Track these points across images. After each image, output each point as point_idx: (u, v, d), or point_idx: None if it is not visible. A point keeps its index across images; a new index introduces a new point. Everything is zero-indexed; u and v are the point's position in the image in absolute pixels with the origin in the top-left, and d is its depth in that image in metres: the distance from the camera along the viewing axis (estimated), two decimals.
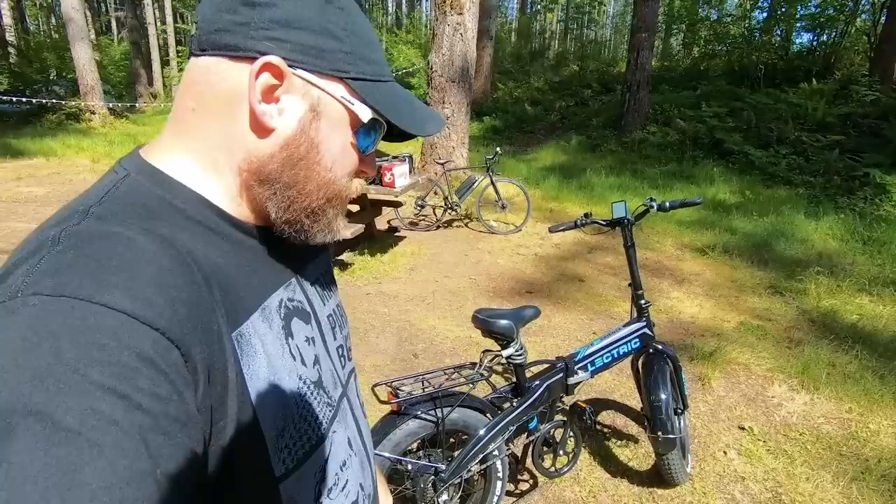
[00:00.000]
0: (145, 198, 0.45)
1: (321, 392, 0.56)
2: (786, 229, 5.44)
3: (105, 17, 30.59)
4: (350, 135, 0.51)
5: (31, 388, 0.32)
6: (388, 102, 0.51)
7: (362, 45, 0.50)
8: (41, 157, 9.19)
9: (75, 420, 0.31)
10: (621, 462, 2.18)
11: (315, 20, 0.46)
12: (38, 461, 0.30)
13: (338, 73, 0.48)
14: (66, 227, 0.40)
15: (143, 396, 0.34)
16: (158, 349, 0.36)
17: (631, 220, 1.90)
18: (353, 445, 0.62)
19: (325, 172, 0.50)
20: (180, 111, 0.49)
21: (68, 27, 12.83)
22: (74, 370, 0.33)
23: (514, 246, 5.22)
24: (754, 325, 3.52)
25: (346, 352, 0.66)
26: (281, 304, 0.53)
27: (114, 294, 0.36)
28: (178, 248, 0.42)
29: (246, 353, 0.45)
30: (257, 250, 0.52)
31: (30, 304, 0.34)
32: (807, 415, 2.55)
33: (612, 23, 33.90)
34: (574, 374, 1.80)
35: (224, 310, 0.44)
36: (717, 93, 10.21)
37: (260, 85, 0.45)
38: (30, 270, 0.36)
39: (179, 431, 0.36)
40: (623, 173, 8.07)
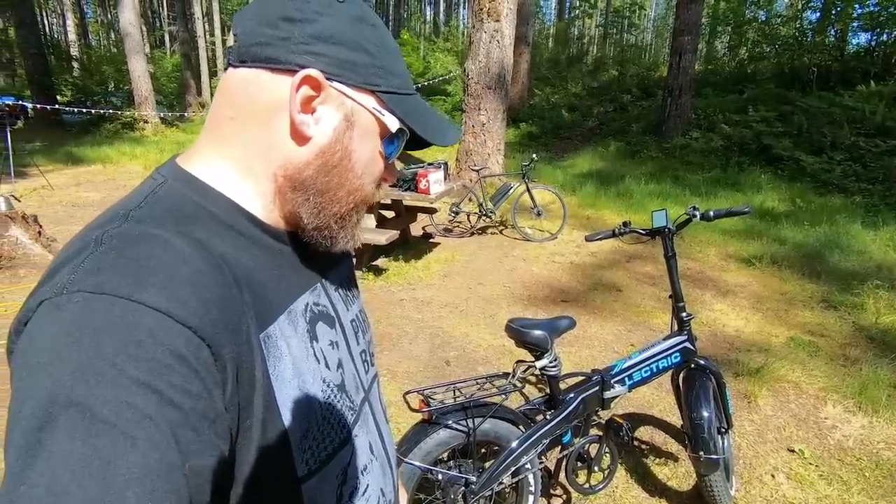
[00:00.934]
0: (181, 203, 0.47)
1: (344, 396, 0.57)
2: (841, 240, 5.14)
3: (159, 31, 32.29)
4: (379, 143, 0.54)
5: (72, 380, 0.33)
6: (414, 114, 0.54)
7: (391, 60, 0.53)
8: (98, 164, 9.74)
9: (112, 413, 0.33)
10: (660, 481, 2.09)
11: (350, 36, 0.49)
12: (76, 450, 0.32)
13: (370, 86, 0.51)
14: (108, 229, 0.42)
15: (176, 393, 0.36)
16: (191, 347, 0.38)
17: (672, 230, 1.83)
18: (375, 450, 0.63)
19: (356, 179, 0.53)
20: (218, 119, 0.51)
21: (125, 42, 13.61)
22: (112, 364, 0.34)
23: (549, 253, 5.14)
24: (805, 341, 3.33)
25: (368, 357, 0.67)
26: (307, 308, 0.54)
27: (151, 293, 0.37)
28: (211, 251, 0.44)
29: (272, 355, 0.47)
30: (286, 255, 0.54)
31: (74, 301, 0.36)
32: (865, 439, 2.39)
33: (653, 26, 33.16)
34: (610, 388, 1.74)
35: (253, 311, 0.45)
36: (764, 96, 9.81)
37: (300, 96, 0.48)
38: (74, 269, 0.38)
39: (208, 428, 0.38)
40: (663, 180, 7.84)
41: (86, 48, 24.78)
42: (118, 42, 23.67)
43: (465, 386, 1.61)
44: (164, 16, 32.68)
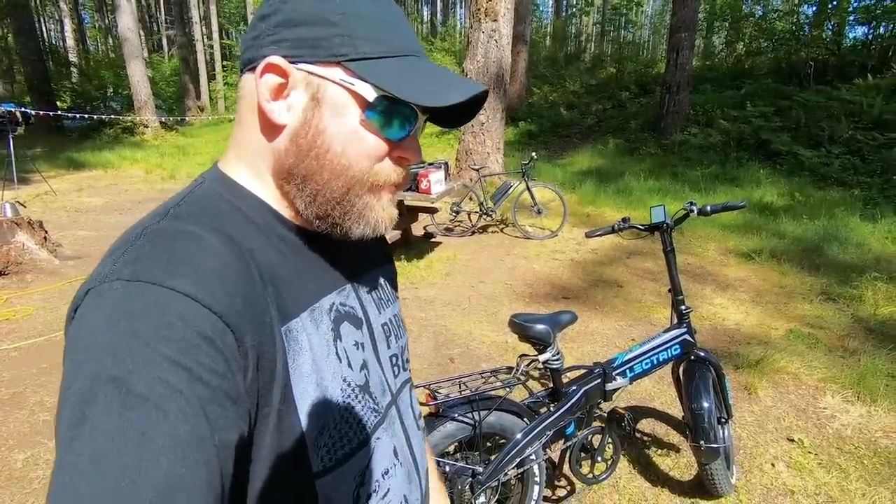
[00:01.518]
0: (216, 201, 0.51)
1: (367, 397, 0.57)
2: (839, 233, 5.18)
3: (157, 35, 32.33)
4: (359, 116, 0.50)
5: (111, 359, 0.37)
6: (392, 76, 0.49)
7: (363, 25, 0.49)
8: (100, 169, 9.80)
9: (145, 388, 0.36)
10: (662, 471, 2.13)
11: (312, 13, 0.48)
12: (114, 422, 0.35)
13: (335, 57, 0.48)
14: (148, 225, 0.46)
15: (204, 371, 0.39)
16: (217, 331, 0.41)
17: (670, 225, 1.87)
18: (400, 455, 0.62)
19: (337, 158, 0.50)
20: (234, 128, 0.55)
21: (124, 46, 13.66)
22: (146, 344, 0.37)
23: (550, 251, 5.18)
24: (805, 333, 3.37)
25: (400, 361, 0.67)
26: (332, 308, 0.55)
27: (181, 280, 0.40)
28: (239, 245, 0.47)
29: (292, 349, 0.48)
30: (314, 255, 0.56)
31: (113, 289, 0.40)
32: (863, 428, 2.43)
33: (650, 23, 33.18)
34: (612, 380, 1.78)
35: (276, 305, 0.48)
36: (762, 91, 9.83)
37: (266, 85, 0.49)
38: (116, 260, 0.42)
39: (231, 406, 0.40)
40: (662, 176, 7.88)
41: (84, 53, 24.84)
42: (116, 47, 23.74)
43: (471, 380, 1.65)
44: (161, 20, 32.73)
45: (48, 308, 3.65)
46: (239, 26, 30.57)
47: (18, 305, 3.71)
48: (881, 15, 10.39)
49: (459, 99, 0.49)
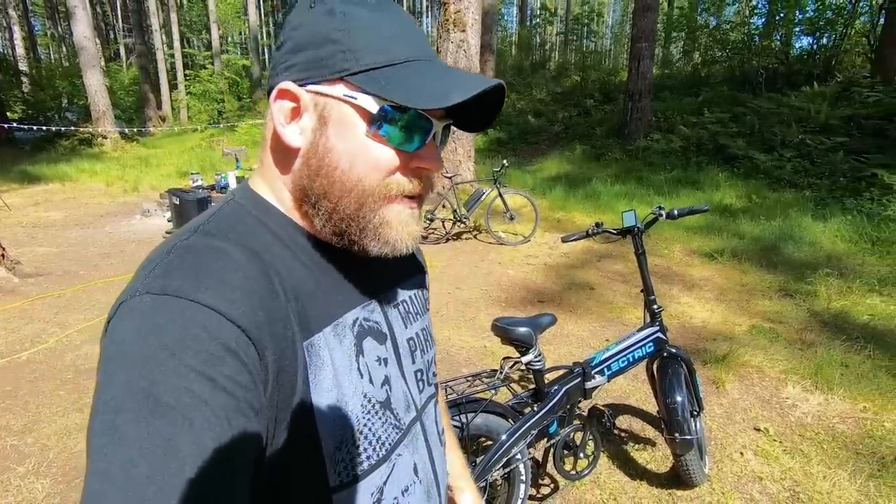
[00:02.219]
0: (243, 217, 0.53)
1: (388, 413, 0.56)
2: (794, 232, 5.48)
3: (115, 44, 31.33)
4: (364, 130, 0.50)
5: (139, 370, 0.38)
6: (393, 84, 0.48)
7: (366, 37, 0.49)
8: (57, 183, 9.41)
9: (172, 397, 0.38)
10: (640, 465, 2.22)
11: (316, 35, 0.50)
12: (142, 430, 0.37)
13: (337, 73, 0.49)
14: (178, 241, 0.48)
15: (228, 381, 0.40)
16: (240, 343, 0.42)
17: (641, 229, 1.97)
18: (420, 473, 0.61)
19: (346, 175, 0.50)
20: (261, 150, 0.57)
21: (80, 55, 13.20)
22: (172, 355, 0.39)
23: (523, 256, 5.29)
24: (766, 328, 3.56)
25: (425, 376, 0.66)
26: (355, 323, 0.55)
27: (206, 294, 0.42)
28: (264, 261, 0.48)
29: (314, 363, 0.49)
30: (339, 270, 0.56)
31: (143, 302, 0.42)
32: (822, 415, 2.58)
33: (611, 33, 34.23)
34: (591, 379, 1.86)
35: (298, 320, 0.48)
36: (718, 98, 10.30)
37: (279, 110, 0.51)
38: (147, 274, 0.44)
39: (254, 417, 0.42)
40: (628, 181, 8.14)
41: (35, 62, 23.82)
42: (71, 55, 22.89)
43: (457, 383, 1.70)
44: (119, 28, 31.75)
45: (8, 329, 3.50)
46: (201, 34, 29.93)
47: None
48: (824, 26, 11.06)
49: (461, 98, 0.47)
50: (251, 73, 22.60)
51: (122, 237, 6.05)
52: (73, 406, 2.62)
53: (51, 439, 2.36)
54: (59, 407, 2.61)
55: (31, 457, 2.25)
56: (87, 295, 4.13)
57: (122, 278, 4.52)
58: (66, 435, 2.39)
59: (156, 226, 6.59)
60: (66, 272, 4.72)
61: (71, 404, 2.63)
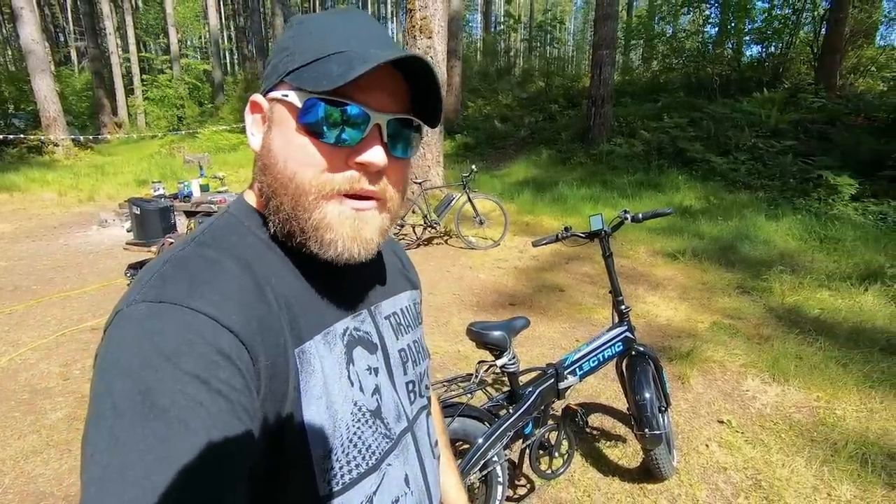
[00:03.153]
0: (236, 228, 0.55)
1: (378, 422, 0.57)
2: (749, 232, 5.74)
3: (65, 47, 30.02)
4: (294, 126, 0.50)
5: (135, 374, 0.39)
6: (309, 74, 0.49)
7: (308, 39, 0.52)
8: (4, 193, 8.93)
9: (168, 400, 0.39)
10: (612, 462, 2.28)
11: (279, 47, 0.55)
12: (138, 433, 0.37)
13: (279, 76, 0.52)
14: (174, 253, 0.49)
15: (223, 385, 0.41)
16: (234, 348, 0.43)
17: (608, 232, 2.04)
18: (412, 483, 0.61)
19: (282, 172, 0.51)
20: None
21: (28, 59, 12.59)
22: (168, 359, 0.40)
23: (493, 260, 5.35)
24: (726, 325, 3.71)
25: (417, 388, 0.66)
26: (346, 332, 0.56)
27: (200, 301, 0.44)
28: (255, 270, 0.50)
29: (305, 371, 0.50)
30: (330, 280, 0.57)
31: (139, 310, 0.43)
32: (779, 405, 2.72)
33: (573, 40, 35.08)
34: (564, 379, 1.90)
35: (290, 328, 0.50)
36: (676, 104, 10.71)
37: (253, 120, 0.56)
38: (143, 285, 0.46)
39: (248, 422, 0.42)
40: (593, 184, 8.34)
41: None
42: (17, 59, 21.79)
43: (433, 388, 1.71)
44: (70, 31, 30.44)
45: None
46: (158, 38, 29.02)
47: None
48: (771, 35, 11.67)
49: (358, 73, 0.46)
50: (212, 77, 22.06)
51: (78, 249, 5.79)
52: (29, 428, 2.49)
53: (6, 464, 2.24)
54: (13, 430, 2.48)
55: None
56: (42, 311, 3.94)
57: (79, 292, 4.33)
58: (22, 458, 2.28)
59: (114, 236, 6.33)
60: (18, 287, 4.49)
61: (27, 426, 2.50)
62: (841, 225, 5.71)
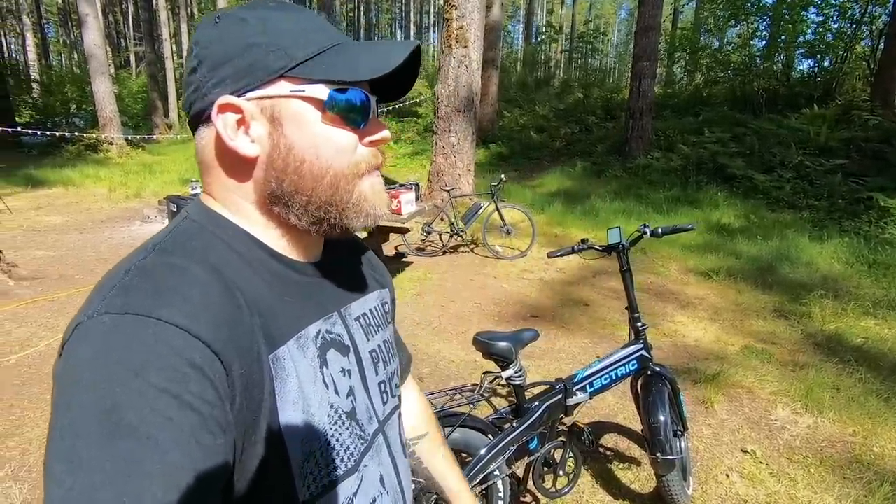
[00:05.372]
0: (200, 234, 0.52)
1: (354, 424, 0.57)
2: (790, 253, 5.47)
3: (125, 52, 31.80)
4: (320, 118, 0.52)
5: (101, 391, 0.37)
6: (335, 66, 0.51)
7: (288, 35, 0.51)
8: (60, 187, 9.48)
9: (136, 417, 0.37)
10: (623, 484, 2.20)
11: (237, 44, 0.50)
12: (106, 453, 0.35)
13: (275, 72, 0.50)
14: (135, 261, 0.47)
15: (194, 399, 0.39)
16: (206, 359, 0.41)
17: (626, 246, 1.98)
18: (387, 483, 0.62)
19: (314, 165, 0.52)
20: (202, 177, 0.56)
21: (90, 63, 13.38)
22: (136, 374, 0.38)
23: (519, 271, 5.29)
24: (758, 349, 3.54)
25: (388, 388, 0.66)
26: (318, 335, 0.55)
27: (169, 311, 0.41)
28: (224, 276, 0.48)
29: (279, 376, 0.49)
30: (299, 283, 0.56)
31: (102, 322, 0.41)
32: (810, 438, 2.56)
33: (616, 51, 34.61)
34: (573, 396, 1.85)
35: (262, 334, 0.48)
36: (719, 119, 10.35)
37: (226, 125, 0.50)
38: (105, 295, 0.43)
39: (221, 434, 0.41)
40: (627, 198, 8.16)
41: (47, 69, 24.19)
42: (81, 62, 23.23)
43: (436, 397, 1.69)
44: (129, 37, 32.24)
45: (0, 331, 3.51)
46: None
47: None
48: (824, 50, 11.16)
49: (399, 61, 0.51)
50: None
51: (121, 242, 6.08)
52: None
53: (33, 444, 2.36)
54: (43, 412, 2.60)
55: (11, 461, 2.24)
56: (82, 299, 4.11)
57: None
58: None
59: (154, 231, 6.57)
60: (63, 276, 4.74)
61: None
62: (892, 250, 5.37)
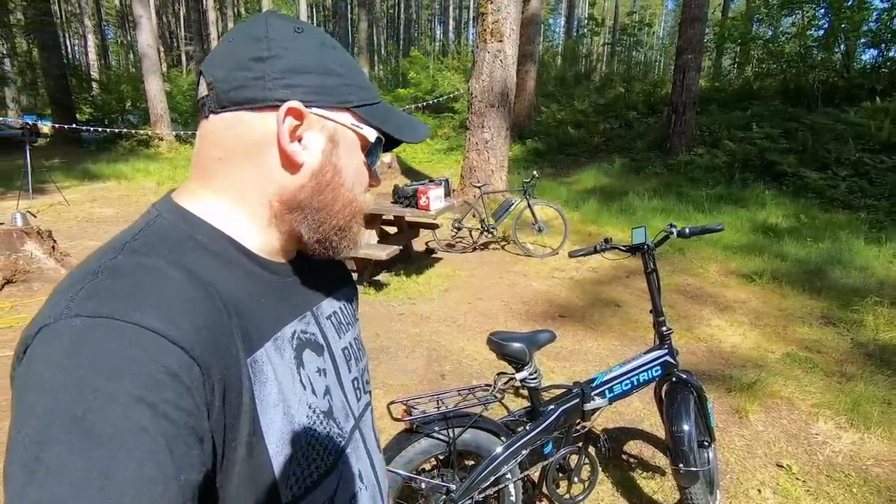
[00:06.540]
0: (173, 234, 0.50)
1: (331, 422, 0.57)
2: (843, 256, 5.13)
3: (176, 51, 33.22)
4: (362, 155, 0.59)
5: (71, 397, 0.36)
6: (387, 120, 0.59)
7: (357, 76, 0.57)
8: (114, 181, 10.01)
9: (109, 426, 0.35)
10: (645, 494, 2.12)
11: (317, 63, 0.53)
12: (75, 464, 0.34)
13: (345, 104, 0.56)
14: (104, 261, 0.45)
15: (169, 407, 0.38)
16: (183, 365, 0.40)
17: (651, 246, 1.90)
18: (365, 478, 0.63)
19: (348, 192, 0.57)
20: (206, 162, 0.54)
21: (143, 62, 14.07)
22: (109, 380, 0.36)
23: (550, 269, 5.19)
24: (802, 357, 3.33)
25: (361, 384, 0.68)
26: (294, 336, 0.55)
27: (145, 314, 0.40)
28: (200, 277, 0.46)
29: (258, 380, 0.48)
30: (274, 284, 0.56)
31: (71, 325, 0.39)
32: (854, 455, 2.39)
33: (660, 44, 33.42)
34: (591, 400, 1.79)
35: (241, 336, 0.47)
36: (769, 113, 9.82)
37: (287, 127, 0.51)
38: (73, 297, 0.41)
39: (197, 444, 0.40)
40: (667, 196, 7.87)
41: (105, 68, 25.57)
42: (136, 62, 24.42)
43: (448, 397, 1.67)
44: (181, 36, 33.64)
45: None
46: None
47: (24, 313, 3.79)
48: (890, 38, 10.38)
49: (425, 137, 0.63)
50: None
51: None
52: None
53: None
54: None
55: None
56: None
57: None
58: None
59: None
60: None
61: None
62: None
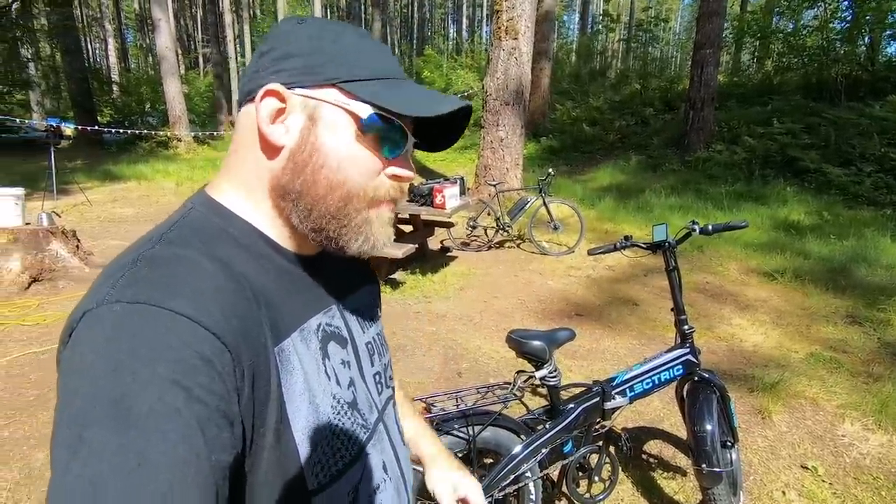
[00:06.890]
0: (206, 226, 0.52)
1: (356, 413, 0.58)
2: (868, 253, 5.01)
3: (194, 53, 33.72)
4: (354, 134, 0.53)
5: (110, 380, 0.38)
6: (384, 93, 0.53)
7: (354, 54, 0.53)
8: (134, 181, 10.20)
9: (145, 407, 0.37)
10: (667, 495, 2.09)
11: (307, 45, 0.53)
12: (113, 443, 0.36)
13: (329, 80, 0.52)
14: (142, 251, 0.47)
15: (202, 391, 0.39)
16: (215, 351, 0.41)
17: (672, 244, 1.87)
18: (389, 470, 0.64)
19: (333, 174, 0.52)
20: (228, 156, 0.58)
21: (161, 64, 14.32)
22: (145, 364, 0.38)
23: (565, 267, 5.16)
24: (826, 357, 3.26)
25: (384, 379, 0.69)
26: (319, 328, 0.57)
27: (180, 302, 0.42)
28: (232, 268, 0.49)
29: (285, 369, 0.49)
30: (301, 276, 0.58)
31: (113, 311, 0.41)
32: (883, 457, 2.33)
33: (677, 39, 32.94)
34: (611, 399, 1.77)
35: (269, 326, 0.49)
36: (790, 108, 9.62)
37: (266, 109, 0.51)
38: (114, 284, 0.43)
39: (228, 427, 0.41)
40: (685, 194, 7.76)
41: (125, 71, 26.07)
42: (155, 65, 24.86)
43: (467, 394, 1.67)
44: (198, 39, 34.14)
45: None
46: None
47: (50, 311, 3.89)
48: None
49: (448, 109, 0.52)
50: None
51: None
52: None
53: None
54: None
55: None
56: None
57: None
58: None
59: None
60: None
61: None
62: None
